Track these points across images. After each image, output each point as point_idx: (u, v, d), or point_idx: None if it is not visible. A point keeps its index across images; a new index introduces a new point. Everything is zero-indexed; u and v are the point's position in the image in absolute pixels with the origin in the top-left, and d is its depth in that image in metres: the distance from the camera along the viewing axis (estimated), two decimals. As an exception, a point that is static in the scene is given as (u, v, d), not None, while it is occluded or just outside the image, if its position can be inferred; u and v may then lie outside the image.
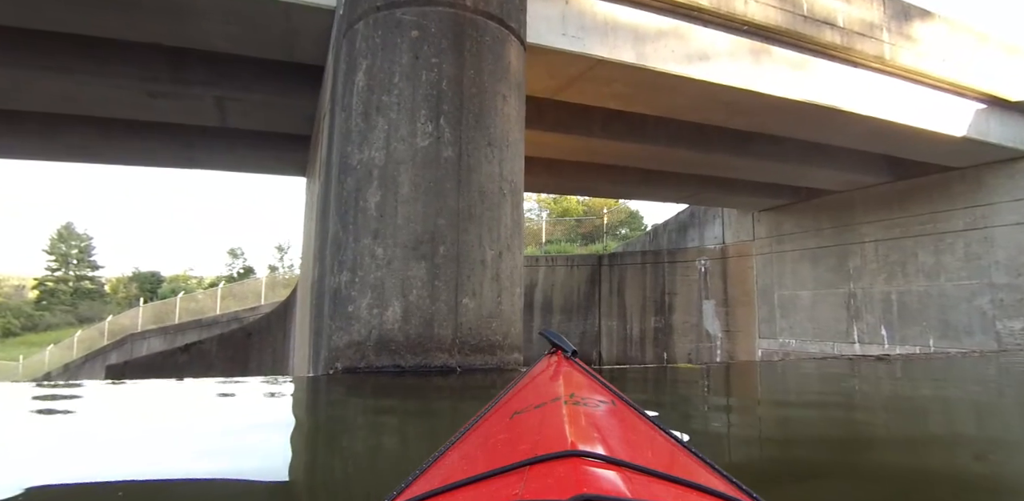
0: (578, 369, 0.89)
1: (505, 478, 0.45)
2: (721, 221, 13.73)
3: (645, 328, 14.53)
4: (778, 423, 2.04)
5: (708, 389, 2.83)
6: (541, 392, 0.77)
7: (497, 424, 0.70)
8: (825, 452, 1.59)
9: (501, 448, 0.58)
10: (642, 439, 0.63)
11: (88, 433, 1.63)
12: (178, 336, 17.37)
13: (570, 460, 0.45)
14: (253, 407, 2.11)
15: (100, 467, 1.28)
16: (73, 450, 1.41)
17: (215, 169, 9.37)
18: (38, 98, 6.02)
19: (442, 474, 0.56)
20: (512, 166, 3.10)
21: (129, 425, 1.75)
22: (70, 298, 41.62)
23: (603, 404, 0.68)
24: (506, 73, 3.14)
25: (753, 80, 5.73)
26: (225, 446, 1.48)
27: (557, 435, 0.53)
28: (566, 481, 0.41)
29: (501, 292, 2.91)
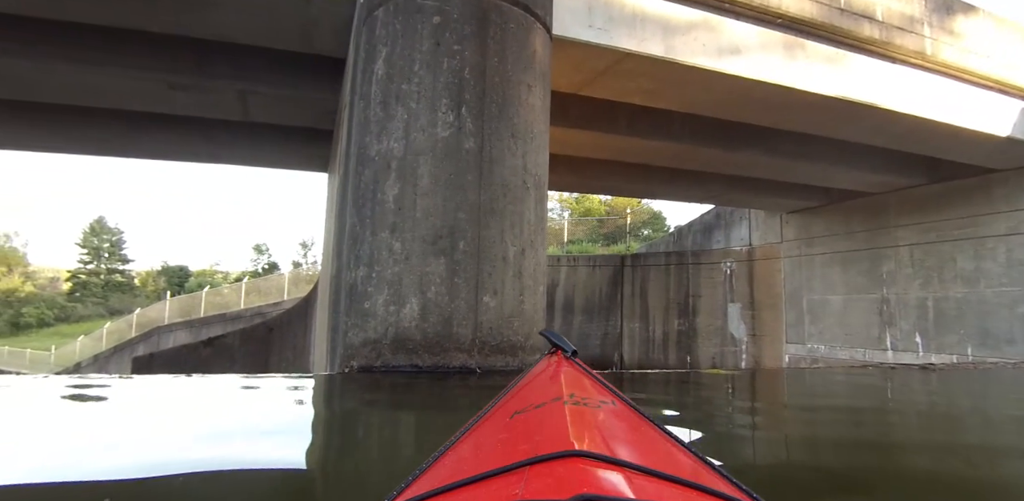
0: (578, 369, 0.89)
1: (505, 478, 0.45)
2: (748, 222, 13.43)
3: (668, 331, 14.28)
4: (823, 439, 1.88)
5: (749, 396, 2.68)
6: (541, 392, 0.77)
7: (497, 424, 0.70)
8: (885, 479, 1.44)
9: (501, 448, 0.58)
10: (642, 439, 0.63)
11: (113, 426, 1.62)
12: (203, 329, 17.60)
13: (570, 460, 0.45)
14: (266, 406, 2.06)
15: (119, 459, 1.27)
16: (94, 443, 1.41)
17: (238, 164, 9.42)
18: (65, 91, 6.07)
19: (442, 474, 0.56)
20: (536, 159, 2.97)
21: (148, 420, 1.74)
22: (101, 290, 42.67)
23: (603, 404, 0.68)
24: (531, 62, 3.01)
25: (786, 75, 5.52)
26: (234, 448, 1.40)
27: (557, 435, 0.53)
28: (566, 481, 0.41)
29: (523, 290, 2.79)
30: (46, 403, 2.00)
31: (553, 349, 1.02)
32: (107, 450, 1.35)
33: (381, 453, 1.48)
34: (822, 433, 1.94)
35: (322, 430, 1.71)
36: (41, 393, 2.21)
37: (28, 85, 5.93)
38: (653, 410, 2.31)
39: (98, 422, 1.69)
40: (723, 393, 2.88)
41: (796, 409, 2.53)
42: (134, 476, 1.14)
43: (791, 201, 11.18)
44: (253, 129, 7.31)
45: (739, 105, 6.28)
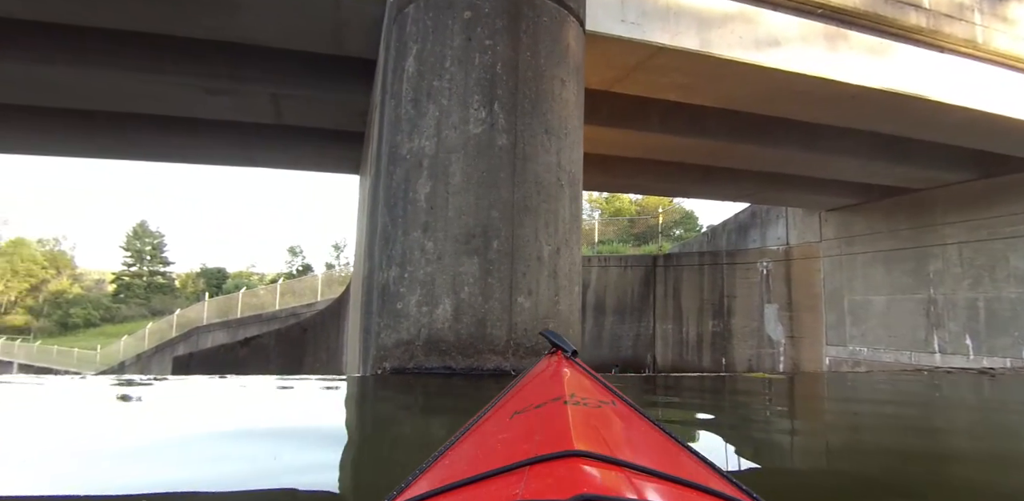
0: (578, 369, 0.90)
1: (505, 478, 0.44)
2: (785, 221, 13.07)
3: (702, 332, 14.00)
4: (873, 447, 1.76)
5: (798, 401, 2.55)
6: (541, 392, 0.77)
7: (497, 424, 0.70)
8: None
9: (501, 448, 0.58)
10: (642, 439, 0.64)
11: (146, 429, 1.62)
12: (240, 330, 17.97)
13: (570, 460, 0.45)
14: (300, 409, 2.05)
15: (150, 464, 1.26)
16: (127, 446, 1.41)
17: (272, 167, 9.57)
18: (104, 97, 6.23)
19: (442, 474, 0.55)
20: (571, 155, 2.89)
21: (181, 422, 1.73)
22: (144, 292, 44.09)
23: (603, 404, 0.68)
24: (564, 56, 2.94)
25: (827, 67, 5.32)
26: (265, 452, 1.36)
27: (557, 435, 0.53)
28: (566, 481, 0.41)
29: (559, 291, 2.72)
30: (80, 404, 2.01)
31: (553, 349, 1.03)
32: (138, 454, 1.35)
33: (414, 458, 1.42)
34: (873, 440, 1.81)
35: (355, 434, 1.68)
36: (75, 394, 2.23)
37: (69, 92, 6.11)
38: (695, 414, 2.21)
39: (132, 424, 1.68)
40: (772, 398, 2.75)
41: (850, 414, 2.40)
42: (166, 479, 1.13)
43: (830, 198, 10.83)
44: (286, 132, 7.40)
45: (777, 99, 6.09)
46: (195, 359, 13.91)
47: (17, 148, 8.41)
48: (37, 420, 1.74)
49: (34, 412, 1.87)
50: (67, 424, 1.69)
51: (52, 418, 1.77)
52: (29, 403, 2.01)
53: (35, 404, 2.00)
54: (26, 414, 1.83)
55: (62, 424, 1.68)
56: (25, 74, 5.62)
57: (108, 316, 41.33)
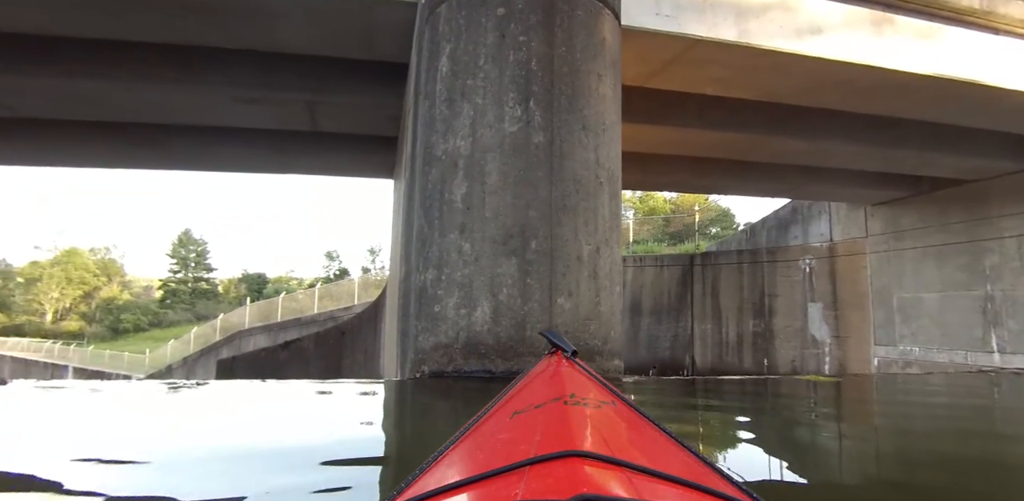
0: (578, 369, 0.89)
1: (505, 478, 0.45)
2: (828, 217, 12.64)
3: (743, 332, 13.65)
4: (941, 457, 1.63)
5: (873, 406, 2.41)
6: (541, 392, 0.78)
7: (497, 424, 0.70)
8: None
9: (501, 448, 0.58)
10: (642, 439, 0.64)
11: (185, 432, 1.63)
12: (280, 333, 18.32)
13: (570, 460, 0.45)
14: (339, 413, 2.04)
15: (189, 469, 1.27)
16: (167, 450, 1.42)
17: (308, 173, 9.71)
18: (144, 109, 6.41)
19: (442, 474, 0.55)
20: (609, 152, 2.81)
21: (219, 427, 1.75)
22: (189, 297, 45.59)
23: (603, 404, 0.68)
24: (600, 50, 2.86)
25: (873, 54, 5.09)
26: (303, 459, 1.34)
27: (557, 435, 0.53)
28: (566, 481, 0.41)
29: (599, 291, 2.64)
30: (128, 407, 2.04)
31: (553, 349, 1.03)
32: (177, 458, 1.35)
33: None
34: (934, 449, 1.68)
35: (395, 439, 1.65)
36: (123, 397, 2.26)
37: (111, 105, 6.31)
38: (738, 420, 2.11)
39: (171, 428, 1.68)
40: (819, 402, 2.61)
41: (908, 419, 2.25)
42: (201, 486, 1.12)
43: (876, 192, 10.42)
44: (321, 139, 7.50)
45: (819, 89, 5.87)
46: (238, 362, 14.25)
47: (64, 161, 8.75)
48: (91, 423, 1.76)
49: (88, 415, 1.90)
50: (118, 426, 1.72)
51: (103, 420, 1.80)
52: (84, 406, 2.04)
53: (90, 407, 2.03)
54: (81, 417, 1.86)
55: (112, 426, 1.71)
56: (67, 89, 5.82)
57: (156, 321, 42.86)
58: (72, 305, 46.99)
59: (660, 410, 2.12)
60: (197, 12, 4.50)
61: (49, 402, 2.04)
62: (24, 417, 1.81)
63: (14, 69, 5.16)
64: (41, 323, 44.04)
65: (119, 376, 25.73)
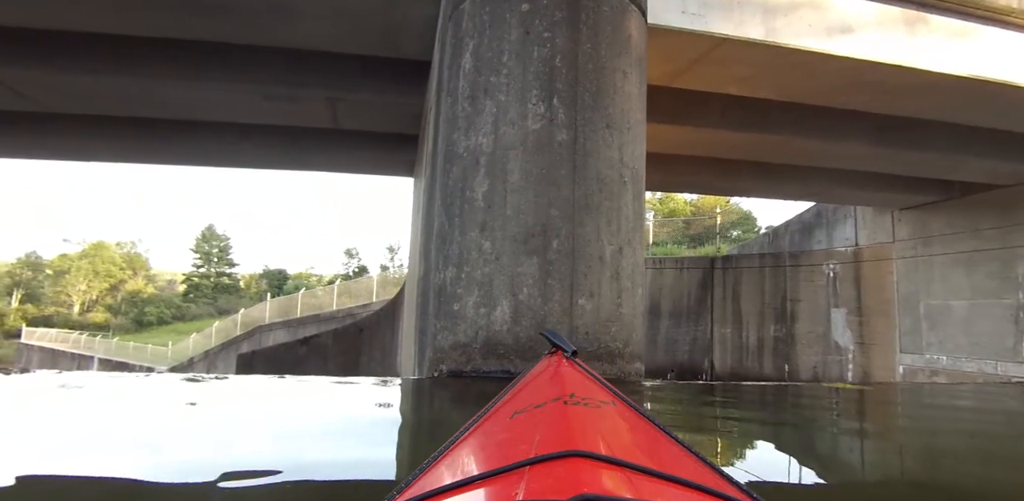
0: (578, 369, 0.89)
1: (505, 478, 0.44)
2: (853, 221, 12.39)
3: (763, 337, 13.44)
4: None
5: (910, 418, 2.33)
6: (541, 392, 0.78)
7: (497, 424, 0.70)
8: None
9: (501, 448, 0.59)
10: (642, 439, 0.64)
11: (201, 429, 1.63)
12: (299, 329, 18.51)
13: (570, 460, 0.45)
14: (356, 411, 2.02)
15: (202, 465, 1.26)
16: (182, 444, 1.44)
17: (329, 170, 9.79)
18: (169, 106, 6.49)
19: (442, 474, 0.56)
20: (633, 151, 2.77)
21: (233, 424, 1.74)
22: (211, 292, 46.35)
23: (603, 404, 0.68)
24: (626, 47, 2.81)
25: (904, 54, 4.96)
26: (315, 459, 1.32)
27: (557, 435, 0.53)
28: (566, 481, 0.41)
29: (621, 292, 2.59)
30: (152, 401, 2.05)
31: (553, 349, 1.03)
32: (210, 446, 1.38)
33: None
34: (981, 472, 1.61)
35: (409, 440, 1.64)
36: (144, 391, 2.28)
37: (139, 102, 6.41)
38: (761, 432, 2.05)
39: (189, 423, 1.68)
40: (854, 412, 2.54)
41: (938, 435, 2.17)
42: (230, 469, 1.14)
43: (905, 196, 10.18)
44: (342, 136, 7.54)
45: (848, 90, 5.74)
46: (257, 357, 14.42)
47: (92, 156, 8.93)
48: (114, 414, 1.78)
49: (112, 407, 1.91)
50: (142, 417, 1.74)
51: (127, 412, 1.82)
52: (108, 399, 2.06)
53: (113, 400, 2.05)
54: (104, 408, 1.87)
55: (135, 417, 1.73)
56: (94, 85, 5.93)
57: (179, 314, 43.63)
58: (99, 297, 48.07)
59: (679, 417, 2.07)
60: (223, 11, 4.55)
61: (71, 393, 2.06)
62: (44, 407, 1.83)
63: (42, 65, 5.27)
64: (69, 314, 45.11)
65: (142, 368, 26.25)
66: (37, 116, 6.66)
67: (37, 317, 42.59)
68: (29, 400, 1.96)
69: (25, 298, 46.78)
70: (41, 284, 47.91)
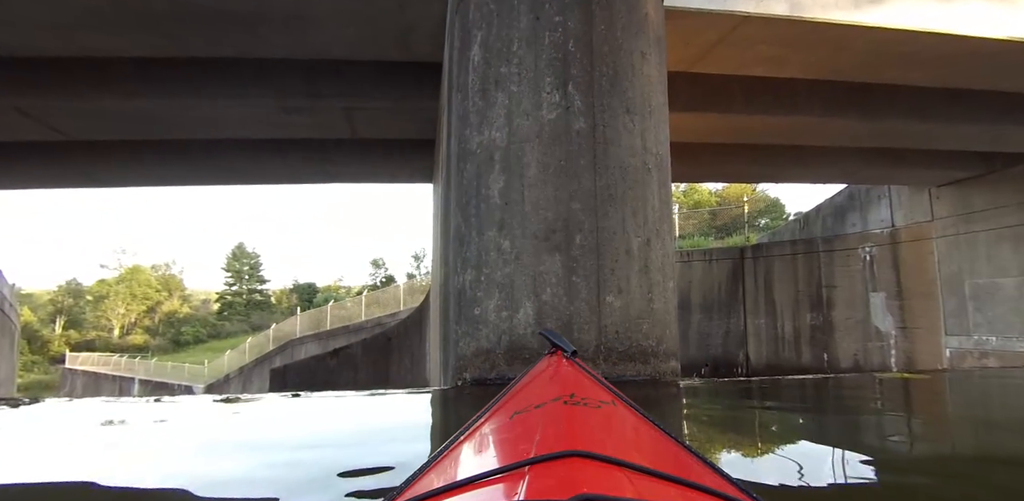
0: (578, 369, 0.89)
1: (505, 478, 0.44)
2: (888, 201, 11.93)
3: (799, 326, 13.05)
4: None
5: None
6: (541, 392, 0.78)
7: (497, 424, 0.70)
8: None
9: (501, 448, 0.59)
10: (642, 439, 0.65)
11: (231, 449, 1.63)
12: (330, 341, 18.62)
13: (570, 460, 0.45)
14: (385, 424, 1.97)
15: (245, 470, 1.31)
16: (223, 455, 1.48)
17: (349, 181, 9.78)
18: (192, 126, 6.53)
19: (442, 474, 0.55)
20: (656, 136, 2.60)
21: (266, 444, 1.71)
22: (244, 309, 47.16)
23: (603, 404, 0.68)
24: (643, 26, 2.65)
25: (942, 21, 4.66)
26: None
27: (557, 435, 0.53)
28: (566, 481, 0.41)
29: (652, 287, 2.42)
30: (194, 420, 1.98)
31: (553, 349, 1.03)
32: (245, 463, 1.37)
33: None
34: None
35: (420, 451, 1.54)
36: (183, 412, 2.22)
37: (164, 124, 6.47)
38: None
39: (223, 444, 1.66)
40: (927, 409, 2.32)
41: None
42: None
43: (943, 172, 9.75)
44: (361, 145, 7.52)
45: (880, 64, 5.45)
46: (290, 371, 14.54)
47: (117, 181, 9.06)
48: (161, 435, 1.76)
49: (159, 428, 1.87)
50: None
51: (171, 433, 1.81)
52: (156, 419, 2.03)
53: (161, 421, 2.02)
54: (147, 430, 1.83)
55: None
56: (123, 110, 5.99)
57: (214, 332, 44.49)
58: (137, 320, 49.28)
59: (723, 431, 1.88)
60: (240, 23, 4.52)
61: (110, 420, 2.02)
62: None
63: (72, 94, 5.35)
64: (109, 338, 46.34)
65: (180, 386, 26.80)
66: (63, 145, 6.76)
67: (80, 342, 43.84)
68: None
69: (68, 324, 48.20)
70: (82, 310, 49.31)
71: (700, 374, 12.37)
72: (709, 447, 1.54)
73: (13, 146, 6.74)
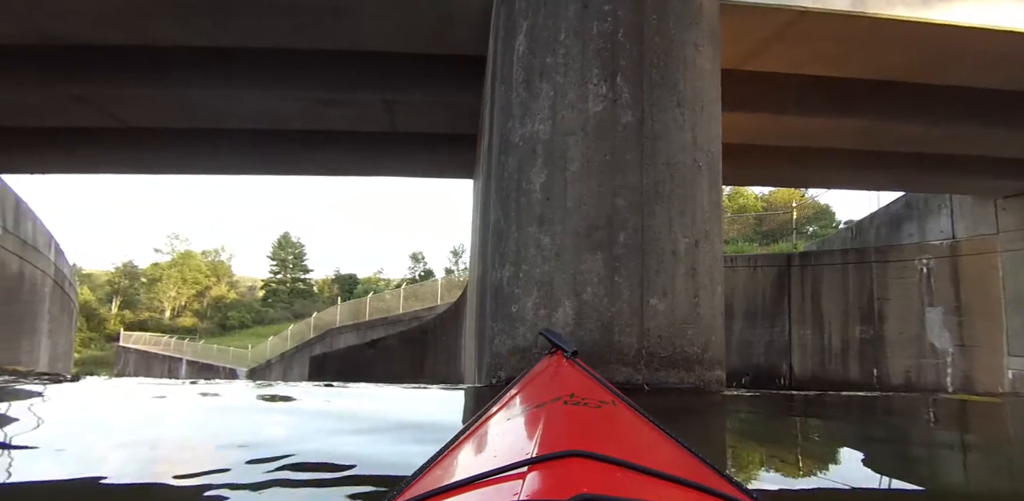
0: (578, 369, 0.91)
1: (505, 478, 0.44)
2: (949, 211, 11.34)
3: (848, 339, 12.56)
4: None
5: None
6: (541, 392, 0.79)
7: (497, 424, 0.70)
8: None
9: (501, 448, 0.58)
10: (642, 439, 0.65)
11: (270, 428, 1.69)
12: (368, 332, 18.93)
13: (570, 460, 0.45)
14: (418, 420, 1.94)
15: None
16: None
17: (389, 175, 9.88)
18: (239, 116, 6.68)
19: (442, 474, 0.55)
20: (708, 132, 2.48)
21: (288, 434, 1.74)
22: (287, 297, 48.58)
23: (603, 404, 0.69)
24: (697, 17, 2.53)
25: (1020, 17, 4.36)
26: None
27: (557, 435, 0.54)
28: (566, 481, 0.42)
29: (698, 291, 2.31)
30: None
31: (553, 349, 1.03)
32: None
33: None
34: None
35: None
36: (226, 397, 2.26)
37: (213, 113, 6.64)
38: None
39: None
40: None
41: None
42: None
43: (1010, 182, 9.18)
44: (400, 139, 7.55)
45: (947, 64, 5.13)
46: (328, 359, 14.86)
47: (168, 169, 9.38)
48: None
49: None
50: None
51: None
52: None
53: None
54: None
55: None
56: (176, 99, 6.17)
57: (258, 318, 45.94)
58: (187, 303, 51.29)
59: (766, 448, 1.76)
60: (287, 13, 4.58)
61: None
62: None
63: (130, 82, 5.54)
64: (161, 319, 48.38)
65: (225, 369, 27.76)
66: (116, 131, 7.01)
67: (133, 322, 45.95)
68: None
69: (123, 304, 50.53)
70: (137, 291, 51.61)
71: (740, 383, 12.04)
72: (749, 464, 1.44)
73: (67, 131, 7.02)
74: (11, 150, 7.52)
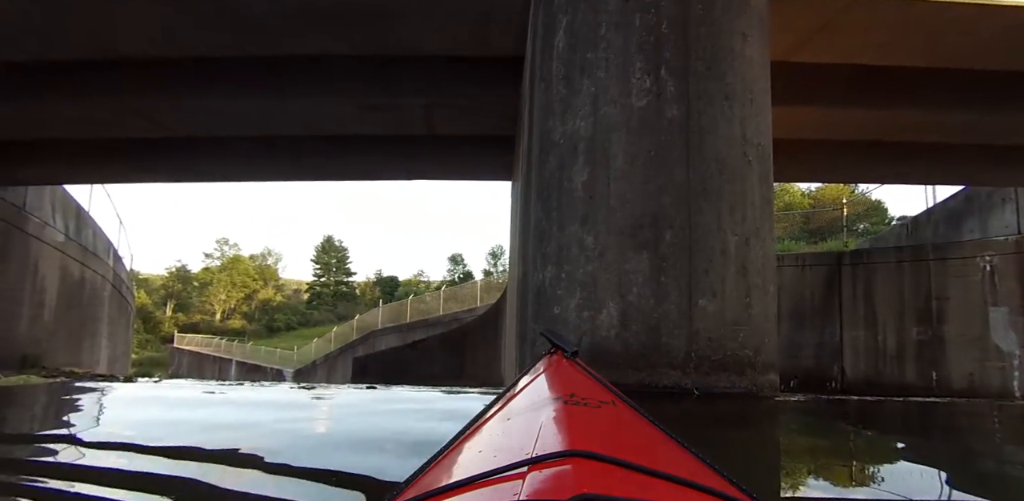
0: (578, 369, 0.91)
1: (505, 478, 0.45)
2: (1015, 205, 10.73)
3: (904, 341, 12.02)
4: None
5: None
6: (541, 392, 0.78)
7: (497, 424, 0.70)
8: None
9: (501, 448, 0.59)
10: (642, 439, 0.65)
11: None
12: (409, 333, 19.17)
13: (570, 460, 0.45)
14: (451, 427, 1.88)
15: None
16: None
17: (428, 178, 9.95)
18: (282, 122, 6.82)
19: (442, 474, 0.55)
20: (757, 125, 2.38)
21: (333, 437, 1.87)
22: (331, 299, 49.70)
23: (603, 404, 0.69)
24: (745, 5, 2.43)
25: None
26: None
27: (557, 435, 0.54)
28: (566, 481, 0.42)
29: (750, 291, 2.21)
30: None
31: (553, 349, 1.02)
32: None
33: None
34: None
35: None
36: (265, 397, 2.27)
37: (258, 121, 6.80)
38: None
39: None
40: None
41: None
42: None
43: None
44: (439, 142, 7.58)
45: (1012, 49, 4.82)
46: (371, 360, 15.10)
47: (214, 176, 9.66)
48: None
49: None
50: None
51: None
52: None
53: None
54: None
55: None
56: (223, 107, 6.35)
57: (303, 320, 47.13)
58: (236, 306, 53.00)
59: (823, 458, 1.65)
60: (328, 18, 4.66)
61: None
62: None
63: (185, 94, 5.75)
64: (212, 321, 50.13)
65: (273, 369, 28.58)
66: (164, 141, 7.27)
67: (186, 324, 47.75)
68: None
69: (177, 307, 52.58)
70: (189, 295, 53.63)
71: (789, 386, 11.67)
72: (799, 474, 1.35)
73: (127, 142, 7.31)
74: (78, 162, 7.91)
